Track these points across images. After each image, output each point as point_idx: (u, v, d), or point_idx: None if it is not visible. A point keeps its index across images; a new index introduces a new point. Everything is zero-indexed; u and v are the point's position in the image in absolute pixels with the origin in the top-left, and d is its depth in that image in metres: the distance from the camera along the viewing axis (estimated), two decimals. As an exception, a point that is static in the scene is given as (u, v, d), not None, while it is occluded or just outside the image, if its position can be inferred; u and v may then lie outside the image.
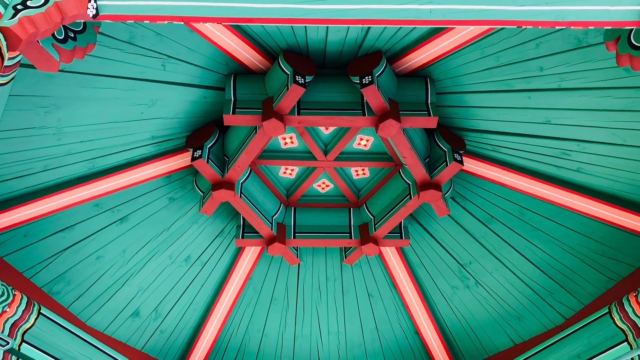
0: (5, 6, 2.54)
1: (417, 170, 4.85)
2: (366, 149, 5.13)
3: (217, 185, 4.94)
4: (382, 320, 6.10)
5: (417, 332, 6.05)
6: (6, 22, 2.50)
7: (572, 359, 4.98)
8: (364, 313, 6.09)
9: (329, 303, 6.08)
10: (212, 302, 5.83)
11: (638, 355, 4.72)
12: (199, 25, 4.06)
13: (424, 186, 4.93)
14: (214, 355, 6.07)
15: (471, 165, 5.08)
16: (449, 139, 4.91)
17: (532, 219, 5.26)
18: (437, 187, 4.92)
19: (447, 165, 4.80)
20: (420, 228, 5.62)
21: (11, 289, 4.53)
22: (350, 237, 5.47)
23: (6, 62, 2.61)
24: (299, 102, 4.54)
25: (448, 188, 5.22)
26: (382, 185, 5.37)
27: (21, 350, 4.58)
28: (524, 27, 3.19)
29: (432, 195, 4.94)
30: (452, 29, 4.13)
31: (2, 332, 4.47)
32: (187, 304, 5.78)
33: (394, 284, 5.88)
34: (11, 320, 4.51)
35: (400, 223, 5.40)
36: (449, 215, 5.31)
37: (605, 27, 3.02)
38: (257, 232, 5.38)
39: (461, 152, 4.90)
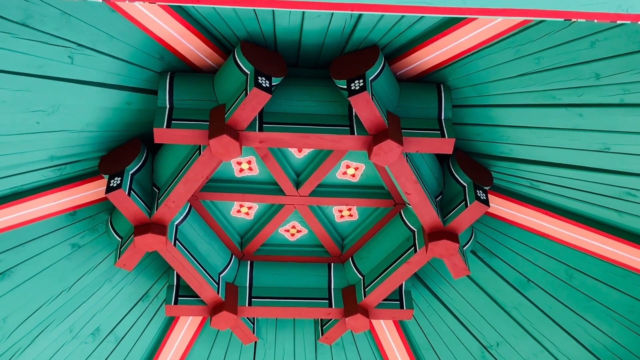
0: None
1: (425, 211, 4.91)
2: (355, 180, 5.20)
3: (141, 228, 4.94)
4: None
5: None
6: None
7: None
8: (348, 415, 6.10)
9: (298, 401, 6.08)
10: (130, 396, 5.79)
11: None
12: (124, 4, 4.10)
13: (434, 235, 4.98)
14: None
15: (500, 206, 5.18)
16: (469, 170, 5.01)
17: (584, 284, 5.36)
18: (452, 236, 4.98)
19: (466, 206, 4.88)
20: (429, 293, 5.68)
21: None
22: (330, 305, 5.49)
23: None
24: (261, 114, 4.59)
25: (468, 238, 5.30)
26: (376, 232, 5.42)
27: None
28: (574, 19, 3.28)
29: (445, 248, 4.99)
30: (475, 19, 4.23)
31: None
32: (93, 400, 5.74)
33: (389, 373, 5.92)
34: None
35: (401, 287, 5.45)
36: (468, 276, 5.36)
37: (685, 24, 3.14)
38: (197, 296, 5.38)
39: (487, 188, 4.99)
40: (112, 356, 5.70)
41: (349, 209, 5.41)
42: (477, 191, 4.91)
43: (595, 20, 3.21)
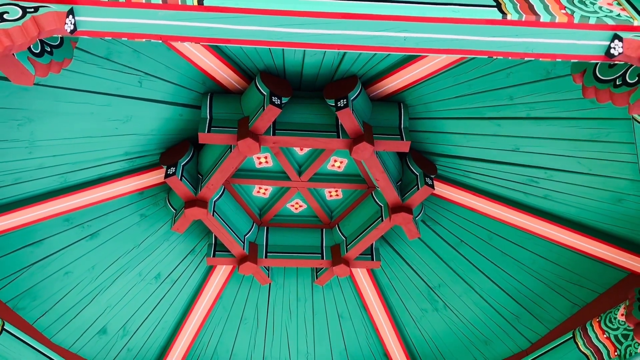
0: (-19, 19, 2.52)
1: (389, 193, 4.89)
2: (340, 170, 5.17)
3: (189, 203, 4.91)
4: (352, 342, 6.08)
5: (386, 355, 6.05)
6: (-18, 35, 2.48)
7: (537, 382, 5.04)
8: (334, 334, 6.07)
9: (299, 324, 6.05)
10: (181, 320, 5.75)
11: (600, 379, 4.80)
12: (176, 44, 4.07)
13: (395, 209, 4.97)
14: (181, 374, 5.99)
15: (442, 189, 5.14)
16: (420, 163, 4.97)
17: (501, 244, 5.33)
18: (408, 210, 4.96)
19: (418, 188, 4.86)
20: (391, 250, 5.65)
21: (-25, 305, 4.42)
22: (322, 258, 5.46)
23: (-20, 75, 2.59)
24: (274, 123, 4.55)
25: (419, 211, 5.27)
26: (355, 206, 5.39)
27: (-18, 367, 4.47)
28: (495, 57, 3.27)
29: (403, 218, 4.98)
30: (426, 56, 4.21)
31: (-37, 348, 4.36)
32: (155, 322, 5.69)
33: (364, 306, 5.88)
34: (-27, 336, 4.40)
35: (372, 245, 5.42)
36: (419, 238, 5.34)
37: (572, 60, 3.11)
38: (229, 251, 5.35)
39: (432, 176, 4.97)
40: (169, 293, 5.65)
41: (336, 191, 5.38)
42: (426, 178, 4.89)
43: (510, 57, 3.19)
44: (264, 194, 5.42)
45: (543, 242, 5.15)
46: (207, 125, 4.56)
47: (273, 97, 4.36)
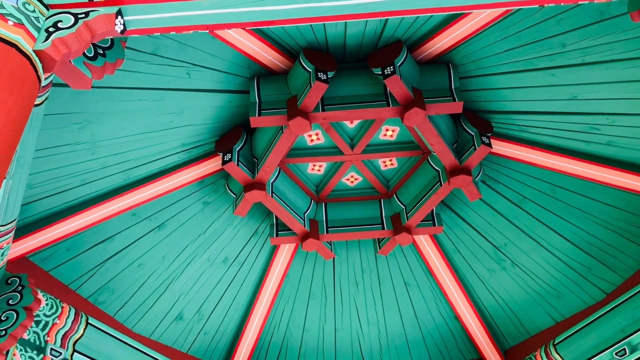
0: (38, 30, 2.62)
1: (445, 156, 4.84)
2: (392, 139, 5.14)
3: (248, 187, 5.00)
4: (421, 308, 6.11)
5: (457, 318, 6.05)
6: (40, 45, 2.58)
7: (617, 333, 4.94)
8: (402, 302, 6.11)
9: (367, 294, 6.11)
10: (252, 300, 5.90)
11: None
12: (220, 31, 4.11)
13: (453, 172, 4.91)
14: (257, 352, 6.16)
15: (499, 147, 5.04)
16: (475, 123, 4.89)
17: (565, 196, 5.20)
18: (467, 171, 4.90)
19: (475, 149, 4.78)
20: (453, 214, 5.60)
21: (59, 302, 4.66)
22: (383, 228, 5.47)
23: (43, 83, 2.70)
24: (322, 99, 4.55)
25: (478, 172, 5.19)
26: (411, 174, 5.36)
27: (73, 360, 4.72)
28: (544, 4, 3.16)
29: (462, 181, 4.92)
30: (470, 13, 4.11)
31: (55, 343, 4.61)
32: (228, 304, 5.87)
33: (430, 272, 5.88)
34: (62, 332, 4.65)
35: (432, 210, 5.38)
36: (480, 199, 5.28)
37: (628, -4, 2.98)
38: (291, 230, 5.43)
39: (488, 134, 4.88)
40: (237, 275, 5.80)
41: (391, 160, 5.36)
42: (482, 137, 4.80)
43: (561, 4, 3.08)
44: (319, 170, 5.45)
45: (609, 190, 5.00)
46: (257, 108, 4.62)
47: (318, 73, 4.36)
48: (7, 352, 4.21)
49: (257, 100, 4.63)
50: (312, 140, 5.14)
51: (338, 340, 6.23)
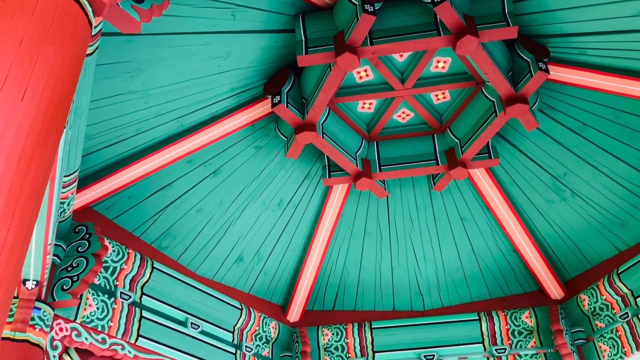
0: (85, -27, 2.59)
1: (500, 85, 4.65)
2: (444, 71, 4.96)
3: (299, 129, 4.97)
4: (478, 243, 6.05)
5: (516, 251, 5.96)
6: (88, -11, 2.55)
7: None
8: (459, 238, 6.05)
9: (422, 231, 6.07)
10: (309, 241, 5.97)
11: None
12: (261, -32, 4.00)
13: (509, 101, 4.72)
14: (316, 291, 6.28)
15: (557, 72, 4.79)
16: (531, 48, 4.65)
17: (629, 120, 4.95)
18: (523, 100, 4.70)
19: (532, 76, 4.57)
20: (509, 145, 5.43)
21: (125, 248, 4.83)
22: (437, 164, 5.37)
23: (93, 31, 2.69)
24: (370, 32, 4.41)
25: (535, 100, 4.98)
26: (465, 106, 5.20)
27: (142, 303, 4.92)
28: None
29: (519, 110, 4.73)
30: None
31: (124, 287, 4.81)
32: (285, 246, 5.97)
33: (486, 206, 5.77)
34: (130, 276, 4.84)
35: (488, 143, 5.23)
36: (537, 128, 5.08)
37: None
38: (343, 170, 5.40)
39: (545, 60, 4.64)
40: (293, 217, 5.86)
41: (443, 93, 5.20)
42: (539, 63, 4.58)
43: None
44: (369, 108, 5.35)
45: (678, 112, 4.74)
46: (303, 47, 4.52)
47: (365, 5, 4.20)
48: (81, 296, 4.42)
49: (303, 38, 4.53)
50: (361, 77, 5.02)
51: (395, 277, 6.27)
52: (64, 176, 3.92)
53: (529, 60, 4.61)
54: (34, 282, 3.97)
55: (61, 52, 2.45)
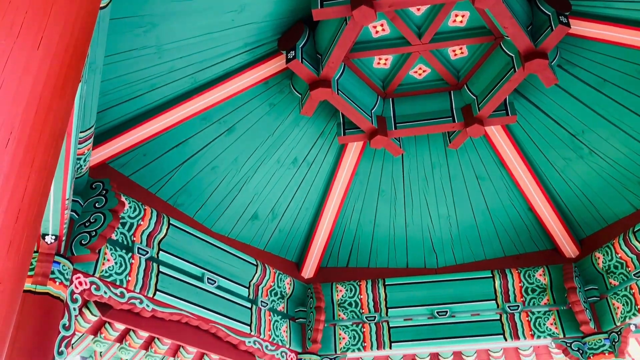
0: None
1: (520, 39, 4.53)
2: (462, 25, 4.85)
3: (314, 85, 4.90)
4: (493, 201, 6.01)
5: (531, 209, 5.93)
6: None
7: None
8: (474, 196, 6.02)
9: (437, 190, 6.05)
10: (323, 199, 5.98)
11: None
12: None
13: (528, 56, 4.61)
14: (330, 247, 6.32)
15: (579, 26, 4.66)
16: (552, 2, 4.51)
17: (651, 76, 4.83)
18: (543, 55, 4.59)
19: (552, 30, 4.45)
20: (527, 102, 5.34)
21: (141, 205, 4.86)
22: (454, 121, 5.30)
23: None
24: (387, -15, 4.30)
25: (554, 55, 4.87)
26: (483, 62, 5.10)
27: (160, 258, 4.98)
28: None
29: (538, 65, 4.62)
30: None
31: (141, 243, 4.86)
32: (300, 203, 5.98)
33: (502, 164, 5.72)
34: (146, 232, 4.88)
35: (505, 99, 5.15)
36: (556, 84, 4.97)
37: None
38: (358, 128, 5.35)
39: (566, 13, 4.51)
40: (307, 175, 5.85)
41: (461, 48, 5.09)
42: (560, 17, 4.44)
43: None
44: (385, 64, 5.26)
45: (702, 68, 4.60)
46: (318, 0, 4.41)
47: (381, -43, 4.08)
48: (99, 251, 4.47)
49: (318, -9, 4.42)
50: (377, 32, 4.92)
51: (409, 234, 6.28)
52: (80, 132, 3.91)
53: (549, 13, 4.48)
54: (53, 237, 4.02)
55: (75, 1, 2.41)
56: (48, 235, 4.00)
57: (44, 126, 2.01)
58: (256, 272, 5.68)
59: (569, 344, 5.63)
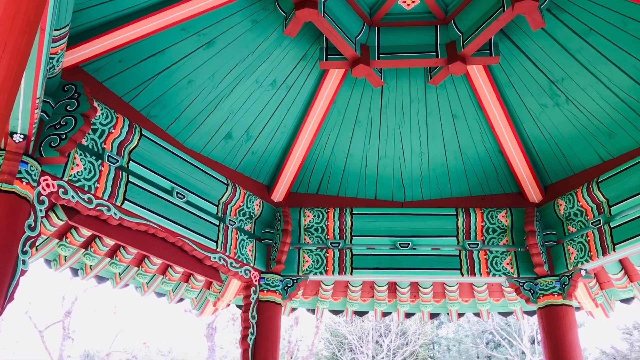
0: None
1: (512, -22, 4.44)
2: (456, -43, 4.71)
3: (299, 4, 4.76)
4: (466, 141, 6.07)
5: (501, 152, 6.00)
6: None
7: (666, 174, 4.85)
8: (448, 134, 6.06)
9: (412, 125, 6.06)
10: (299, 124, 5.94)
11: None
12: None
13: (518, -4, 4.54)
14: (302, 173, 6.35)
15: (573, -30, 4.58)
16: (550, -59, 4.40)
17: (636, 29, 4.80)
18: (533, -4, 4.52)
19: (546, -30, 4.36)
20: (511, 44, 5.29)
21: (114, 112, 4.76)
22: (437, 56, 5.24)
23: None
24: None
25: (544, -2, 4.79)
26: (472, -1, 5.00)
27: (130, 168, 4.93)
28: None
29: (527, 6, 4.55)
30: None
31: (111, 151, 4.79)
32: (275, 126, 5.93)
33: (479, 104, 5.73)
34: (117, 141, 4.80)
35: (491, 39, 5.09)
36: (543, 28, 4.93)
37: None
38: (341, 54, 5.25)
39: (563, -45, 4.42)
40: (285, 98, 5.78)
41: (452, -19, 4.98)
42: (555, -42, 4.35)
43: None
44: (374, -9, 5.12)
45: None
46: None
47: None
48: (69, 154, 4.40)
49: None
50: (369, -44, 4.75)
51: (380, 166, 6.33)
52: (54, 30, 3.75)
53: (546, -47, 4.37)
54: (22, 136, 3.92)
55: None
56: (16, 133, 3.90)
57: (17, 11, 1.92)
58: (226, 191, 5.68)
59: (521, 284, 5.88)
